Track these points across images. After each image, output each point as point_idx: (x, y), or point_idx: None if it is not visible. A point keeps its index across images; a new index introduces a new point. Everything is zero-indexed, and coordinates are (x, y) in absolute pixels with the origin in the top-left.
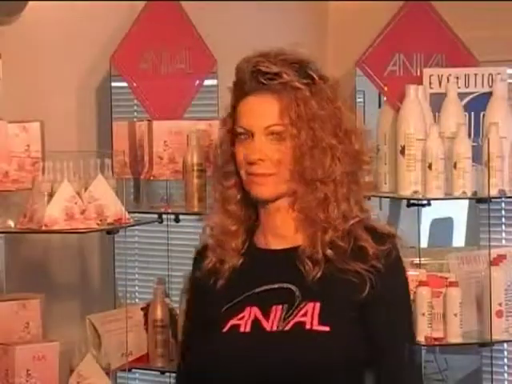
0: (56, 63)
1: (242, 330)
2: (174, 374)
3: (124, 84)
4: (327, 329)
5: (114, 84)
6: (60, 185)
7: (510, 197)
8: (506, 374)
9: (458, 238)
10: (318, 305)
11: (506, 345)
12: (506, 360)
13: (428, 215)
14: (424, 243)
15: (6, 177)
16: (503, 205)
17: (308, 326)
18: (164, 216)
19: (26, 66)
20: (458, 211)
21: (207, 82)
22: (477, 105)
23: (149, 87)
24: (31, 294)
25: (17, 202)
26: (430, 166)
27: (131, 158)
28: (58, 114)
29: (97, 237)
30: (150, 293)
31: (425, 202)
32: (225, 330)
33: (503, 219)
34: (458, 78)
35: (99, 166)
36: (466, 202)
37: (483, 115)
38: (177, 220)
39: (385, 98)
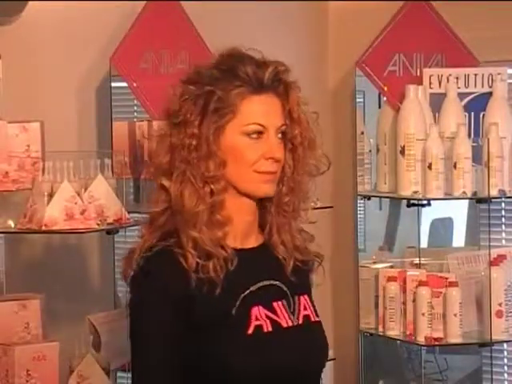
0: (56, 63)
1: (265, 329)
2: None
3: (124, 84)
4: (318, 319)
5: (114, 84)
6: (60, 185)
7: (509, 197)
8: (505, 374)
9: (458, 238)
10: (306, 297)
11: (505, 345)
12: (505, 360)
13: (428, 215)
14: (424, 243)
15: (5, 177)
16: (503, 205)
17: (312, 319)
18: None
19: (25, 66)
20: (458, 211)
21: None
22: (477, 105)
23: (149, 87)
24: (31, 294)
25: (17, 202)
26: (429, 166)
27: (131, 158)
28: (58, 114)
29: (97, 237)
30: None
31: (425, 202)
32: (250, 331)
33: (503, 219)
34: (457, 78)
35: (99, 166)
36: (466, 202)
37: (483, 115)
38: None
39: (385, 98)
